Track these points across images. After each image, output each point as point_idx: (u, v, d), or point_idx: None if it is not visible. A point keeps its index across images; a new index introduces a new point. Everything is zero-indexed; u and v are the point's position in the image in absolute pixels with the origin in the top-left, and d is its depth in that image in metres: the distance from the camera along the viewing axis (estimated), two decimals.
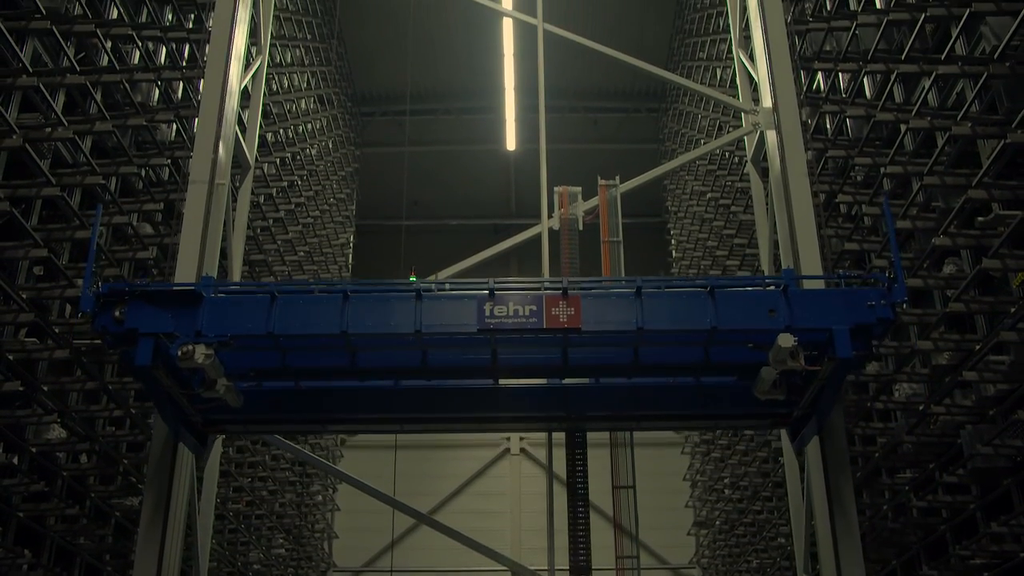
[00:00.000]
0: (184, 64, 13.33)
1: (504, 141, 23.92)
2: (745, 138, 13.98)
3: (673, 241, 24.43)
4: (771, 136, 12.14)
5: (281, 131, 17.60)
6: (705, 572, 22.20)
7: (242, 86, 12.89)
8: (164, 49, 13.00)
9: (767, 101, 12.32)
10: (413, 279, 8.84)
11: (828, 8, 12.88)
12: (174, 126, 13.19)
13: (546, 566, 11.80)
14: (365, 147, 26.99)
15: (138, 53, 12.27)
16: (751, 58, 13.48)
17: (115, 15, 11.70)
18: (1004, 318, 9.10)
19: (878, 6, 11.82)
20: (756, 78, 13.15)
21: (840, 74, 12.81)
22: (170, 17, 13.16)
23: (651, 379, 9.70)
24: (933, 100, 10.78)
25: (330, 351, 9.22)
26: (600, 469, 11.72)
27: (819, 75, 13.44)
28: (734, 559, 19.15)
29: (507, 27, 20.43)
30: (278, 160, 17.38)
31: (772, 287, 8.87)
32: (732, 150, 16.73)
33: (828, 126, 13.16)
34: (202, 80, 12.42)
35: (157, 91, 12.73)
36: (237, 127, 12.66)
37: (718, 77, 18.23)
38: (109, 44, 11.38)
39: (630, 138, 26.87)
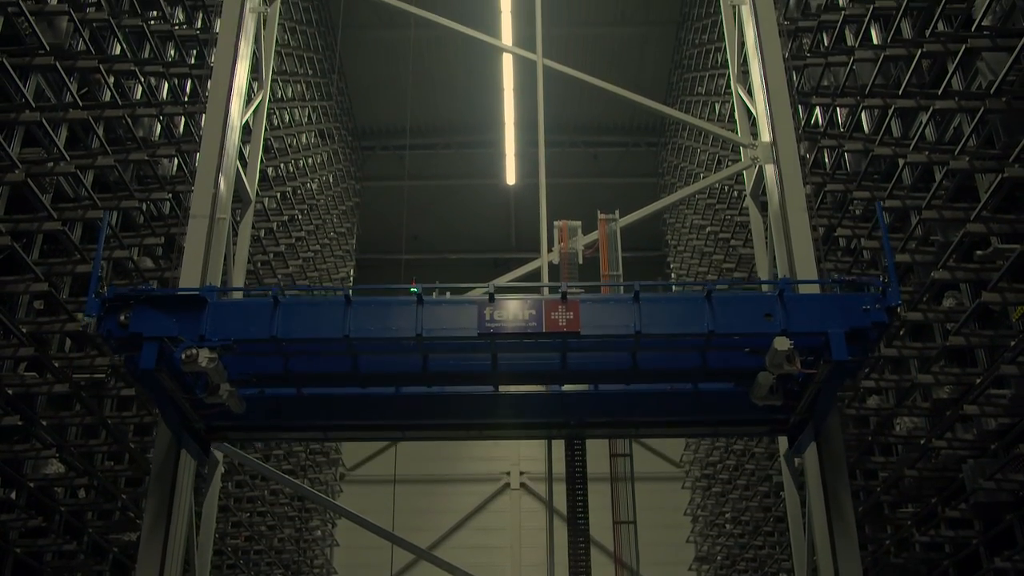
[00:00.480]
0: (186, 99, 13.43)
1: (504, 175, 24.02)
2: (744, 172, 14.01)
3: (673, 275, 24.45)
4: (770, 170, 12.18)
5: (282, 165, 17.67)
6: None
7: (243, 121, 12.95)
8: (166, 84, 13.10)
9: (766, 136, 12.38)
10: (414, 290, 8.83)
11: (825, 43, 13.00)
12: (175, 161, 13.26)
13: None
14: (365, 181, 27.09)
15: (140, 88, 12.37)
16: (749, 93, 13.56)
17: (118, 51, 11.82)
18: (1004, 351, 9.10)
19: (875, 41, 11.93)
20: (755, 113, 13.22)
21: (838, 109, 12.90)
22: (172, 53, 13.26)
23: (649, 385, 9.70)
24: (931, 134, 10.85)
25: (332, 356, 9.21)
26: (600, 504, 11.63)
27: (817, 110, 13.53)
28: None
29: (507, 62, 20.57)
30: (279, 194, 17.45)
31: (769, 292, 8.88)
32: (731, 184, 16.79)
33: (826, 160, 13.23)
34: (204, 115, 12.48)
35: (159, 126, 12.82)
36: (238, 161, 12.70)
37: (717, 112, 18.34)
38: (112, 79, 11.49)
39: (630, 172, 26.98)
